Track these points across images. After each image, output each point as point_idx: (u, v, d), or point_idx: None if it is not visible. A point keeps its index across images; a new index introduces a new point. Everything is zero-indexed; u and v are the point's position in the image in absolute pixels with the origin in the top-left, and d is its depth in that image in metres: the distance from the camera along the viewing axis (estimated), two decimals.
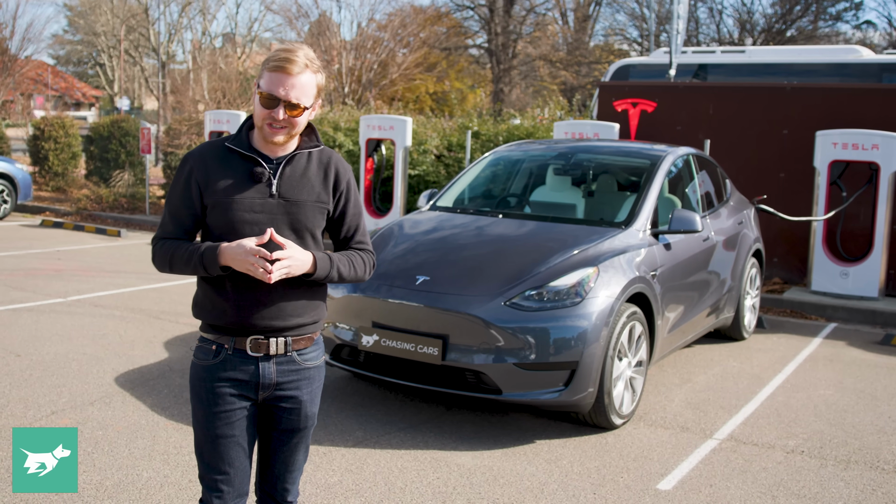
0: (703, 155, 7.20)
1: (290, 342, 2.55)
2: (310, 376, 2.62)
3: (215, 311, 2.53)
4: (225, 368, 2.53)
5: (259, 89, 2.46)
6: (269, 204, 2.48)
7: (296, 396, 2.59)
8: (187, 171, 2.53)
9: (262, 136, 2.49)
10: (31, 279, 8.77)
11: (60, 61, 56.45)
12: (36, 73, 38.81)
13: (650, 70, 13.75)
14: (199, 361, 2.57)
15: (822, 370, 6.44)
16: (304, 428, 2.64)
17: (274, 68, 2.42)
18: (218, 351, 2.54)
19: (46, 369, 5.66)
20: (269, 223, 2.47)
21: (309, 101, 2.47)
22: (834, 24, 35.92)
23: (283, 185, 2.51)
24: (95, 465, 4.15)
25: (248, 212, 2.47)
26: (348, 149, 12.84)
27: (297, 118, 2.46)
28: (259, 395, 2.56)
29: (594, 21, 40.00)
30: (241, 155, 2.52)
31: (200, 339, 2.61)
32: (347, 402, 5.26)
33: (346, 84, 27.45)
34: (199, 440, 2.58)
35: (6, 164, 14.18)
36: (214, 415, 2.53)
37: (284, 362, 2.56)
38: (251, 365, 2.53)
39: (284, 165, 2.52)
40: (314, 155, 2.58)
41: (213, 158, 2.52)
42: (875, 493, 4.20)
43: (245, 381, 2.53)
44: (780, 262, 9.66)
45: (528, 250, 5.19)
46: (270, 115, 2.44)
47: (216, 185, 2.48)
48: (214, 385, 2.53)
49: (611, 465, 4.41)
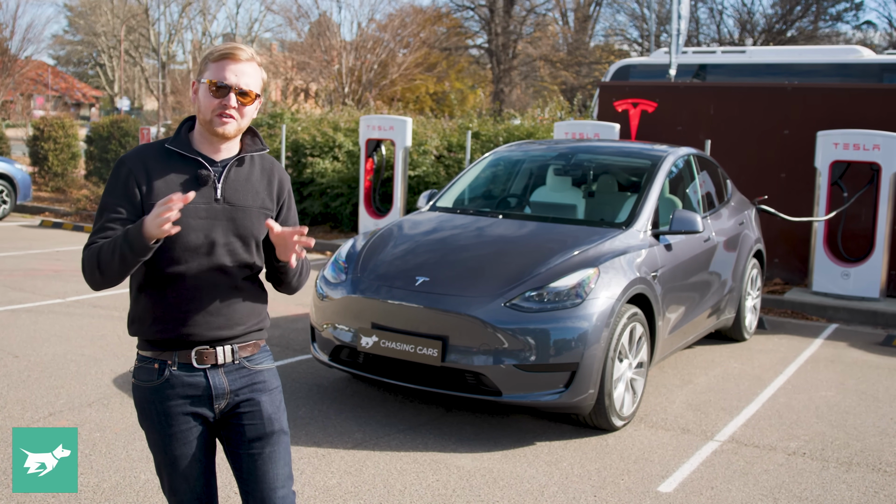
0: (704, 155, 7.18)
1: (237, 349, 2.44)
2: (264, 379, 2.50)
3: (156, 325, 2.38)
4: (172, 386, 2.39)
5: (204, 79, 2.35)
6: (214, 209, 2.37)
7: (252, 398, 2.46)
8: (125, 173, 2.36)
9: (209, 130, 2.36)
10: (30, 280, 8.76)
11: (60, 62, 56.51)
12: (36, 74, 38.85)
13: (651, 70, 13.73)
14: (143, 383, 2.42)
15: (823, 371, 6.42)
16: (272, 433, 2.47)
17: (220, 58, 2.35)
18: (161, 369, 2.40)
19: (45, 370, 5.64)
20: (212, 228, 2.36)
21: (258, 89, 2.39)
22: (834, 25, 35.95)
23: (228, 190, 2.39)
24: (93, 466, 4.13)
25: (192, 218, 2.33)
26: (348, 149, 12.82)
27: (247, 107, 2.37)
28: (215, 407, 2.43)
29: (594, 21, 40.03)
30: (183, 157, 2.38)
31: (139, 357, 2.45)
32: (346, 404, 5.24)
33: (346, 84, 27.46)
34: (159, 463, 2.46)
35: (6, 164, 14.16)
36: (171, 437, 2.40)
37: (234, 370, 2.45)
38: (199, 377, 2.40)
39: (229, 168, 2.40)
40: (256, 160, 2.49)
41: (153, 160, 2.38)
42: (877, 496, 4.18)
43: (197, 395, 2.40)
44: (781, 263, 9.64)
45: (529, 251, 5.17)
46: (221, 104, 2.33)
47: (157, 190, 2.33)
48: (165, 406, 2.39)
49: (611, 467, 4.39)
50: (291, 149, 13.52)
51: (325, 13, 32.92)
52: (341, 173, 12.68)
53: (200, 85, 2.37)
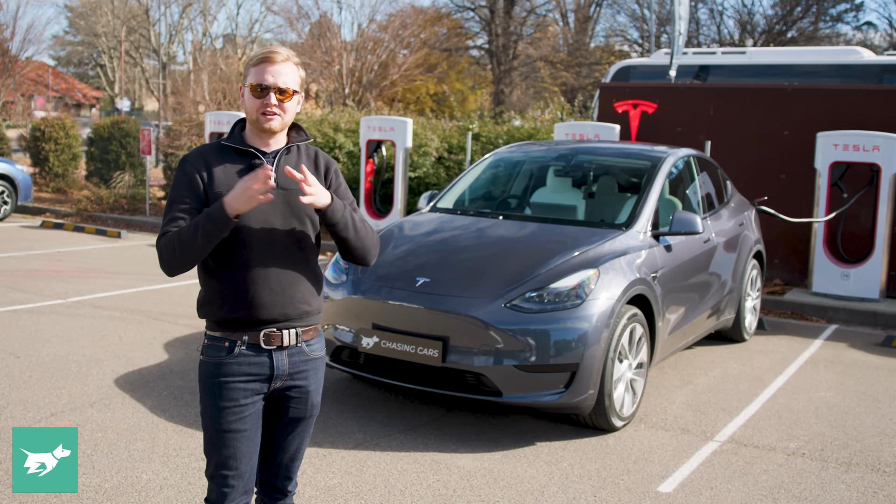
0: (704, 156, 7.19)
1: (301, 333, 2.64)
2: (316, 366, 2.72)
3: (226, 306, 2.57)
4: (240, 364, 2.58)
5: (248, 83, 2.59)
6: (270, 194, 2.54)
7: (303, 385, 2.68)
8: (188, 168, 2.60)
9: (257, 127, 2.60)
10: (32, 280, 8.77)
11: (61, 62, 56.51)
12: (37, 75, 38.83)
13: (651, 71, 13.74)
14: (211, 359, 2.60)
15: (823, 372, 6.43)
16: (310, 416, 2.74)
17: (258, 62, 2.57)
18: (231, 347, 2.58)
19: (46, 371, 5.65)
20: (271, 212, 2.57)
21: (296, 86, 2.60)
22: (834, 26, 35.94)
23: (281, 176, 2.60)
24: (95, 467, 4.14)
25: None
26: (348, 150, 12.83)
27: (287, 103, 2.58)
28: (271, 386, 2.63)
29: (595, 22, 40.02)
30: (238, 150, 2.62)
31: (209, 337, 2.64)
32: (347, 404, 5.25)
33: (346, 85, 27.46)
34: (211, 437, 2.62)
35: (6, 165, 14.17)
36: (228, 410, 2.58)
37: (295, 353, 2.65)
38: (265, 357, 2.60)
39: (279, 158, 2.63)
40: (302, 148, 2.73)
41: (211, 157, 2.61)
42: (876, 496, 4.19)
43: (259, 374, 2.59)
44: (781, 264, 9.65)
45: (529, 252, 5.18)
46: (263, 104, 2.55)
47: (217, 180, 2.57)
48: (228, 381, 2.58)
49: (611, 468, 4.40)
50: None
51: (326, 14, 32.94)
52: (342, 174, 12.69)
53: (245, 89, 2.62)
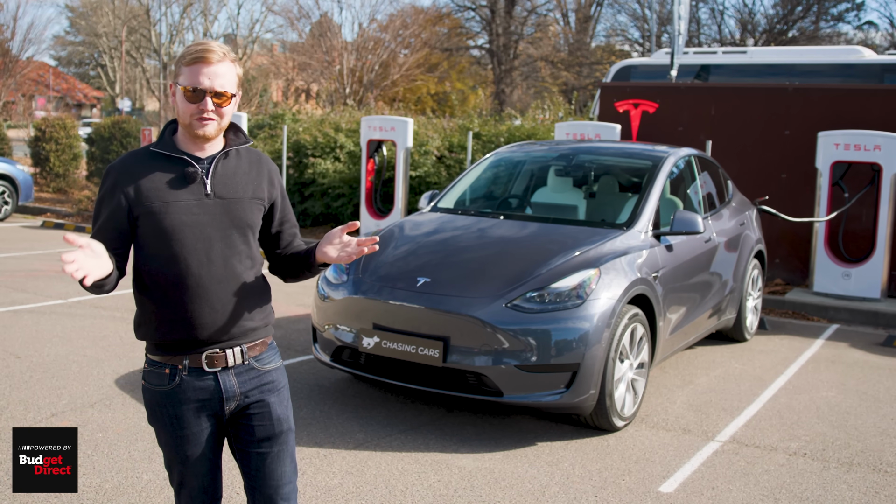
0: (705, 156, 7.19)
1: (246, 349, 2.47)
2: (273, 379, 2.53)
3: (163, 327, 2.40)
4: (184, 391, 2.42)
5: (181, 85, 2.36)
6: (206, 204, 2.40)
7: (262, 400, 2.50)
8: (110, 184, 2.39)
9: (191, 133, 2.39)
10: (32, 280, 8.77)
11: (62, 62, 56.54)
12: (37, 75, 38.88)
13: (652, 71, 13.73)
14: (154, 387, 2.45)
15: (824, 372, 6.42)
16: (280, 433, 2.52)
17: (192, 61, 2.34)
18: (172, 374, 2.42)
19: (47, 371, 5.65)
20: (208, 224, 2.39)
21: (233, 89, 2.40)
22: (835, 25, 35.95)
23: (217, 184, 2.42)
24: (95, 467, 4.14)
25: (185, 214, 2.37)
26: (349, 150, 12.83)
27: (224, 107, 2.38)
28: (225, 408, 2.46)
29: (595, 22, 40.03)
30: (169, 157, 2.41)
31: (149, 361, 2.47)
32: (348, 405, 5.24)
33: (347, 85, 27.48)
34: (169, 460, 2.51)
35: (7, 165, 14.17)
36: (182, 438, 2.44)
37: (244, 371, 2.47)
38: (210, 381, 2.43)
39: (215, 164, 2.43)
40: (243, 153, 2.52)
41: (139, 166, 2.40)
42: (878, 496, 4.19)
43: (207, 398, 2.43)
44: (782, 264, 9.64)
45: (530, 252, 5.18)
46: (198, 108, 2.34)
47: (147, 193, 2.36)
48: (177, 410, 2.42)
49: (612, 468, 4.40)
50: (293, 149, 13.53)
51: (327, 14, 32.98)
52: (342, 174, 12.70)
53: (177, 88, 2.39)
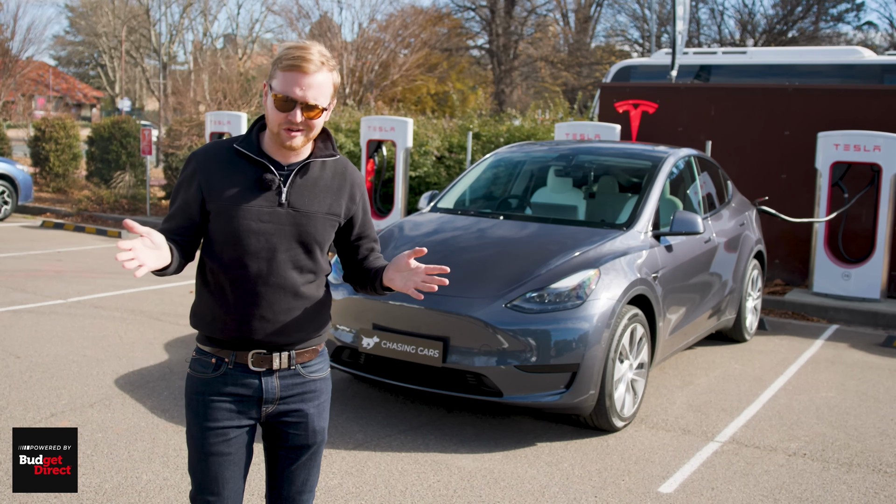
0: (705, 156, 7.19)
1: (294, 356, 2.42)
2: (316, 388, 2.48)
3: (215, 324, 2.38)
4: (225, 383, 2.38)
5: (273, 91, 2.28)
6: (278, 213, 2.33)
7: (301, 409, 2.45)
8: (190, 171, 2.38)
9: (278, 141, 2.32)
10: (32, 280, 8.77)
11: (62, 62, 56.56)
12: (37, 74, 38.87)
13: (652, 71, 13.74)
14: (197, 374, 2.42)
15: (823, 372, 6.42)
16: (314, 444, 2.49)
17: (288, 67, 2.24)
18: (218, 364, 2.39)
19: (46, 371, 5.65)
20: (275, 234, 2.33)
21: (326, 102, 2.29)
22: (835, 25, 35.95)
23: (294, 195, 2.35)
24: (95, 467, 4.14)
25: (254, 221, 2.32)
26: (349, 150, 12.83)
27: (314, 120, 2.29)
28: (262, 410, 2.42)
29: (595, 22, 40.02)
30: (250, 159, 2.35)
31: (198, 350, 2.45)
32: (348, 405, 5.24)
33: (346, 85, 27.47)
34: (193, 457, 2.44)
35: (7, 165, 14.17)
36: (211, 431, 2.38)
37: (288, 376, 2.43)
38: (253, 379, 2.39)
39: (296, 174, 2.36)
40: (328, 164, 2.43)
41: (220, 161, 2.36)
42: (878, 496, 4.19)
43: (247, 396, 2.39)
44: (782, 264, 9.64)
45: (530, 252, 5.18)
46: (287, 119, 2.26)
47: (221, 191, 2.33)
48: (213, 399, 2.38)
49: (612, 468, 4.40)
50: None
51: (326, 14, 32.99)
52: None
53: (269, 90, 2.32)
